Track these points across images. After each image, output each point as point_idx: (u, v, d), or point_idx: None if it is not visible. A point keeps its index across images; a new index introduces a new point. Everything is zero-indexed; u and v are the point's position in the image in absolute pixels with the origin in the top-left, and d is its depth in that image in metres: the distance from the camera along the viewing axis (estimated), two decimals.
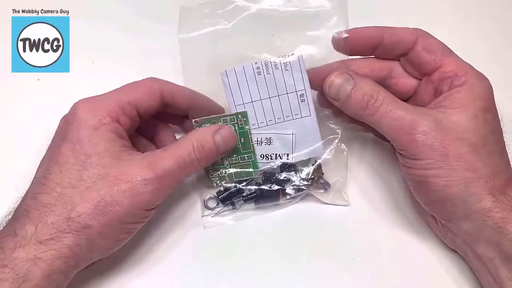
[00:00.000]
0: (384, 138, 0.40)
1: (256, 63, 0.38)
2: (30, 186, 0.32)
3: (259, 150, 0.39)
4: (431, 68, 0.35)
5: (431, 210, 0.34)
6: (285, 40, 0.38)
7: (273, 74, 0.38)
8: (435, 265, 0.36)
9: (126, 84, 0.35)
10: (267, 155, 0.39)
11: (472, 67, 0.34)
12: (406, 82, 0.37)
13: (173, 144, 0.35)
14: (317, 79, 0.37)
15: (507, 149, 0.34)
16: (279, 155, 0.39)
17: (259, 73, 0.38)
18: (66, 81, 0.36)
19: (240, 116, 0.38)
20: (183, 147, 0.33)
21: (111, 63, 0.36)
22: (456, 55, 0.35)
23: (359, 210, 0.39)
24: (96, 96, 0.34)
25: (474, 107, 0.32)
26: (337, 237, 0.38)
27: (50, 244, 0.29)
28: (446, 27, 0.48)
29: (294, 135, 0.39)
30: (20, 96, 0.45)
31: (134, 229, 0.33)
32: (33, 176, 0.33)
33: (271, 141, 0.39)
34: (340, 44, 0.36)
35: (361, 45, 0.36)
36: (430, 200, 0.33)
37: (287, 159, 0.39)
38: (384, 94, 0.33)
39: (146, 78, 0.36)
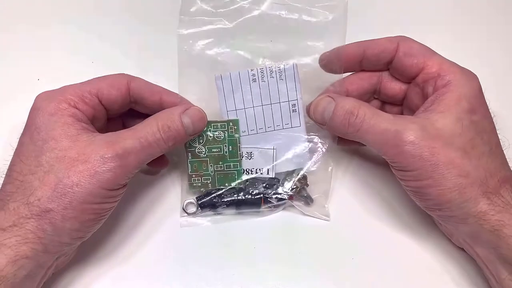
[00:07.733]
0: None
1: (252, 70, 0.36)
2: None
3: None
4: (414, 71, 0.35)
5: (433, 215, 0.34)
6: (283, 47, 0.37)
7: (268, 82, 0.37)
8: (434, 268, 0.36)
9: (94, 77, 0.35)
10: (247, 170, 0.38)
11: (457, 65, 0.34)
12: (396, 85, 0.37)
13: (138, 124, 0.33)
14: None
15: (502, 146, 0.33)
16: (260, 169, 0.38)
17: (254, 80, 0.37)
18: (66, 81, 0.35)
19: (231, 124, 0.36)
20: (147, 127, 0.33)
21: (111, 63, 0.34)
22: (440, 55, 0.35)
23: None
24: (58, 88, 0.34)
25: (459, 109, 0.32)
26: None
27: (14, 230, 0.29)
28: (435, 28, 0.49)
29: (274, 150, 0.38)
30: (20, 95, 0.42)
31: (101, 211, 0.32)
32: None
33: (252, 155, 0.38)
34: (328, 66, 0.37)
35: (345, 62, 0.36)
36: (429, 206, 0.33)
37: (268, 174, 0.38)
38: (365, 109, 0.33)
39: (117, 73, 0.36)
